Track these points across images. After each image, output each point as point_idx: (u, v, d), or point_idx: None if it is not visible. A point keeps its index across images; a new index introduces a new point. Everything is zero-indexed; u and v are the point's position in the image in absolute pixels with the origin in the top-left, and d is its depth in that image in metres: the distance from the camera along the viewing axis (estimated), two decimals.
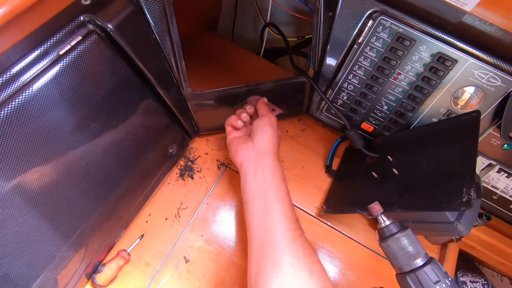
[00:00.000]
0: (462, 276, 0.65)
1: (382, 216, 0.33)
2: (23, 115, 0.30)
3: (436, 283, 0.28)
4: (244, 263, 0.47)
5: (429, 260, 0.30)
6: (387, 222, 0.32)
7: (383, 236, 0.32)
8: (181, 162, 0.53)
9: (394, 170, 0.42)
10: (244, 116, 0.49)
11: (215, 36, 0.72)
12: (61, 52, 0.33)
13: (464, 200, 0.31)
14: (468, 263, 0.68)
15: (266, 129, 0.45)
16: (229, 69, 0.64)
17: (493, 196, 0.51)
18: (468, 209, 0.30)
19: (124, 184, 0.44)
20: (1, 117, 0.28)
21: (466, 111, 0.45)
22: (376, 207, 0.33)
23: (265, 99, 0.52)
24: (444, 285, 0.28)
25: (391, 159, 0.45)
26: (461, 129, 0.39)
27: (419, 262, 0.30)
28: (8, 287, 0.32)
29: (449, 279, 0.29)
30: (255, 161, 0.42)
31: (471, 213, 0.40)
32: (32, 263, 0.34)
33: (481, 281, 0.63)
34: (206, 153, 0.55)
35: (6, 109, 0.29)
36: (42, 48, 0.32)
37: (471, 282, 0.64)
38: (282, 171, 0.42)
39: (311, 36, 0.64)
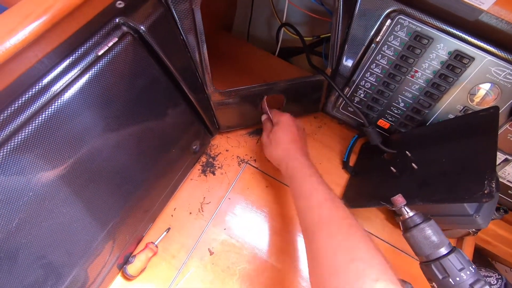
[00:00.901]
0: None
1: (406, 207, 0.34)
2: (67, 113, 0.32)
3: (460, 270, 0.29)
4: (266, 255, 0.49)
5: (453, 249, 0.31)
6: (411, 214, 0.34)
7: (407, 227, 0.33)
8: (203, 159, 0.55)
9: (413, 165, 0.44)
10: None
11: (231, 36, 0.74)
12: (99, 53, 0.34)
13: (486, 192, 0.32)
14: (481, 258, 0.69)
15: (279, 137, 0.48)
16: (247, 69, 0.66)
17: (509, 191, 0.52)
18: (490, 200, 0.31)
19: (152, 179, 0.45)
20: (50, 113, 0.30)
21: (482, 107, 0.46)
22: (399, 199, 0.35)
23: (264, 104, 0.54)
24: (468, 272, 0.29)
25: (409, 155, 0.46)
26: (479, 125, 0.40)
27: (444, 251, 0.31)
28: (52, 274, 0.34)
29: (473, 266, 0.30)
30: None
31: (490, 206, 0.42)
32: (72, 253, 0.36)
33: (495, 276, 0.64)
34: (227, 150, 0.56)
35: (54, 104, 0.31)
36: (81, 50, 0.34)
37: (485, 276, 0.65)
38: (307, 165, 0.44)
39: (325, 35, 0.66)
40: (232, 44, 0.70)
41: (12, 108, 0.30)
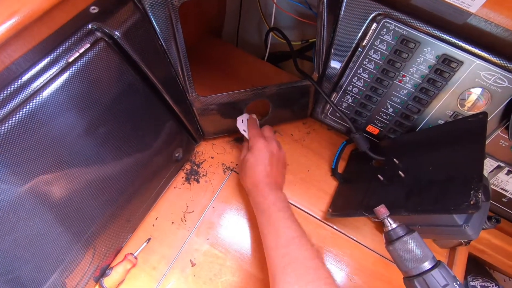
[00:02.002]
0: (472, 281, 0.64)
1: (389, 219, 0.33)
2: (34, 121, 0.31)
3: (444, 286, 0.28)
4: (251, 267, 0.47)
5: (437, 264, 0.30)
6: (394, 225, 0.32)
7: (390, 239, 0.32)
8: (187, 166, 0.54)
9: (400, 172, 0.42)
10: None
11: (220, 41, 0.73)
12: (70, 60, 0.33)
13: (472, 202, 0.30)
14: (478, 267, 0.67)
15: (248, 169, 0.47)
16: (234, 74, 0.65)
17: (503, 199, 0.50)
18: (476, 212, 0.30)
19: (131, 188, 0.44)
20: (13, 124, 0.29)
21: (473, 113, 0.45)
22: (382, 210, 0.33)
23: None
24: None
25: (397, 162, 0.45)
26: (468, 131, 0.39)
27: (427, 265, 0.29)
28: None
29: (458, 282, 0.28)
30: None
31: (480, 216, 0.40)
32: (42, 267, 0.35)
33: (492, 285, 0.62)
34: (212, 157, 0.55)
35: (17, 115, 0.30)
36: (51, 56, 0.33)
37: (482, 286, 0.62)
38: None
39: (315, 39, 0.65)
40: (221, 49, 0.69)
41: None
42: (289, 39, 0.58)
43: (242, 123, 0.52)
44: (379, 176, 0.45)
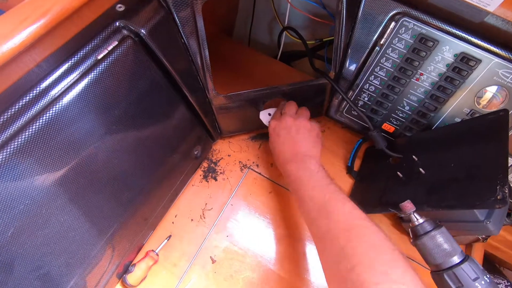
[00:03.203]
0: None
1: (415, 214, 0.33)
2: (67, 117, 0.31)
3: (475, 280, 0.28)
4: (270, 264, 0.47)
5: (466, 258, 0.30)
6: (421, 220, 0.33)
7: (417, 234, 0.32)
8: (204, 164, 0.54)
9: (420, 169, 0.42)
10: None
11: (232, 40, 0.73)
12: (99, 57, 0.34)
13: (498, 197, 0.31)
14: (488, 264, 0.68)
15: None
16: (248, 73, 0.65)
17: None
18: (504, 206, 0.30)
19: (153, 185, 0.44)
20: (48, 118, 0.30)
21: (489, 111, 0.45)
22: (408, 205, 0.33)
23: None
24: (483, 282, 0.28)
25: (416, 159, 0.45)
26: (489, 128, 0.39)
27: (456, 259, 0.30)
28: (49, 285, 0.33)
29: (488, 276, 0.29)
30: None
31: (501, 212, 0.40)
32: (71, 262, 0.35)
33: (504, 282, 0.63)
34: (229, 155, 0.55)
35: (53, 109, 0.30)
36: (81, 53, 0.33)
37: None
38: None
39: (328, 38, 0.65)
40: (233, 48, 0.69)
41: (9, 113, 0.29)
42: (304, 38, 0.59)
43: (267, 116, 0.53)
44: (398, 173, 0.46)
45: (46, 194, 0.31)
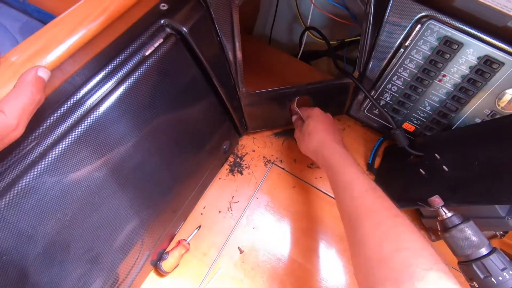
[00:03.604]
0: None
1: (443, 208, 0.35)
2: (118, 110, 0.33)
3: (503, 270, 0.30)
4: (294, 254, 0.49)
5: (493, 249, 0.32)
6: (449, 214, 0.35)
7: (446, 227, 0.34)
8: (230, 159, 0.56)
9: (444, 167, 0.44)
10: None
11: (253, 38, 0.75)
12: (146, 53, 0.35)
13: None
14: None
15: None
16: (272, 71, 0.67)
17: None
18: None
19: (184, 179, 0.46)
20: (105, 110, 0.31)
21: (509, 112, 0.47)
22: (437, 200, 0.35)
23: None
24: (511, 272, 0.30)
25: (438, 157, 0.47)
26: None
27: (484, 251, 0.32)
28: (96, 266, 0.35)
29: None
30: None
31: None
32: (114, 247, 0.37)
33: None
34: (253, 150, 0.57)
35: (106, 102, 0.32)
36: (129, 50, 0.35)
37: None
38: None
39: (349, 39, 0.67)
40: (255, 47, 0.71)
41: (67, 105, 0.31)
42: (327, 39, 0.60)
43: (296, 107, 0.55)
44: (420, 170, 0.47)
45: (98, 183, 0.33)
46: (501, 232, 0.48)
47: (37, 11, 0.61)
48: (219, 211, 0.51)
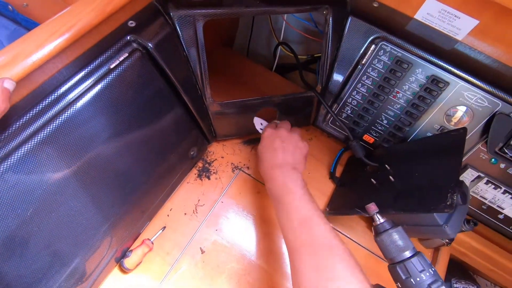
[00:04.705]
0: (456, 283, 0.69)
1: (378, 215, 0.38)
2: (81, 117, 0.36)
3: (421, 271, 0.33)
4: (254, 257, 0.52)
5: (416, 253, 0.35)
6: (381, 220, 0.38)
7: (378, 232, 0.37)
8: (199, 164, 0.59)
9: (390, 177, 0.48)
10: None
11: (231, 51, 0.79)
12: (111, 66, 0.39)
13: (448, 203, 0.36)
14: (462, 271, 0.72)
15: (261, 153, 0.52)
16: (245, 82, 0.71)
17: (483, 206, 0.56)
18: (451, 211, 0.35)
19: (151, 181, 0.49)
20: (65, 118, 0.35)
21: (456, 128, 0.51)
22: (372, 207, 0.39)
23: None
24: (428, 274, 0.33)
25: (388, 168, 0.50)
26: (450, 143, 0.44)
27: (407, 254, 0.35)
28: (57, 261, 0.38)
29: (433, 269, 0.34)
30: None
31: (458, 218, 0.45)
32: (76, 243, 0.40)
33: (474, 287, 0.67)
34: (222, 157, 0.61)
35: (69, 110, 0.35)
36: (96, 62, 0.39)
37: None
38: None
39: (318, 54, 0.71)
40: (233, 59, 0.75)
41: (33, 113, 0.34)
42: (296, 53, 0.64)
43: (259, 124, 0.58)
44: (372, 180, 0.51)
45: (60, 182, 0.36)
46: (447, 240, 0.51)
47: (25, 21, 0.65)
48: (185, 213, 0.54)
